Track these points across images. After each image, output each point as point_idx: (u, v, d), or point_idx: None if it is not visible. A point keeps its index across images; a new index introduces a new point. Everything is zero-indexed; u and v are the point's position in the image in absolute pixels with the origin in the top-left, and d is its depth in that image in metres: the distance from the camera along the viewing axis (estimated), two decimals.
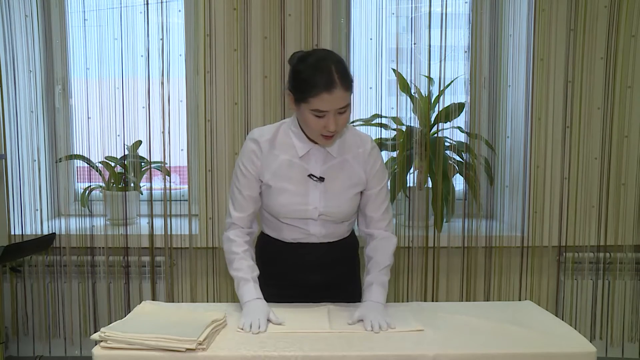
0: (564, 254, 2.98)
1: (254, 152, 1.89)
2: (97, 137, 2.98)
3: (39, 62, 3.01)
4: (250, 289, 1.83)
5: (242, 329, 1.68)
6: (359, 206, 1.98)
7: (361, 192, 1.95)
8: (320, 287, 1.97)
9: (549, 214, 2.94)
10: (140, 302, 1.87)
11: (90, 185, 3.07)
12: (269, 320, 1.73)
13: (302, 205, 1.88)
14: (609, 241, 2.97)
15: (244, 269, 1.87)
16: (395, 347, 1.56)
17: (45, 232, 2.93)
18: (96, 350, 1.53)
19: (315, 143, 1.87)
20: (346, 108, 1.77)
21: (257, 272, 1.89)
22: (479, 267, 2.99)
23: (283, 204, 1.88)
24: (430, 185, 2.93)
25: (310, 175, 1.88)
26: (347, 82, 1.74)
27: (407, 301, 2.93)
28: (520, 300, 2.92)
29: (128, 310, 2.91)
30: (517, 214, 2.99)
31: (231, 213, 1.94)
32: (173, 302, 2.93)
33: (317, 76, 1.72)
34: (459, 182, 3.06)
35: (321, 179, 1.88)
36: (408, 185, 2.93)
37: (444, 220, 2.96)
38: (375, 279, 1.89)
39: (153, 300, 2.73)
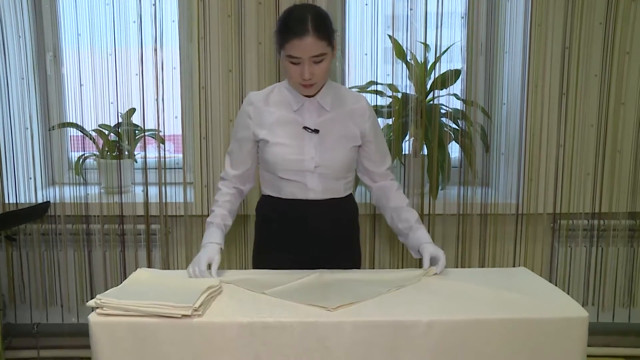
0: (559, 221, 3.00)
1: (249, 110, 1.97)
2: (90, 105, 2.95)
3: (29, 28, 2.95)
4: (209, 233, 1.94)
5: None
6: (362, 165, 2.06)
7: (359, 150, 2.02)
8: (321, 251, 2.00)
9: (544, 182, 2.95)
10: (136, 270, 1.88)
11: (84, 154, 3.05)
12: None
13: (298, 156, 1.93)
14: (604, 208, 2.97)
15: (215, 216, 1.98)
16: (390, 313, 1.57)
17: (40, 201, 2.92)
18: (92, 317, 1.53)
19: (308, 97, 1.93)
20: (322, 57, 1.82)
21: (227, 221, 2.00)
22: (474, 234, 3.00)
23: (280, 155, 1.93)
24: (426, 153, 2.92)
25: (305, 128, 1.93)
26: (321, 32, 1.80)
27: (402, 267, 2.95)
28: (514, 267, 2.94)
29: (124, 277, 2.91)
30: (513, 181, 3.00)
31: (226, 169, 2.06)
32: (168, 269, 2.94)
33: (292, 23, 1.81)
34: (454, 150, 3.05)
35: (316, 131, 1.93)
36: (403, 152, 2.92)
37: (440, 187, 2.97)
38: (413, 222, 2.00)
39: (149, 267, 2.74)
